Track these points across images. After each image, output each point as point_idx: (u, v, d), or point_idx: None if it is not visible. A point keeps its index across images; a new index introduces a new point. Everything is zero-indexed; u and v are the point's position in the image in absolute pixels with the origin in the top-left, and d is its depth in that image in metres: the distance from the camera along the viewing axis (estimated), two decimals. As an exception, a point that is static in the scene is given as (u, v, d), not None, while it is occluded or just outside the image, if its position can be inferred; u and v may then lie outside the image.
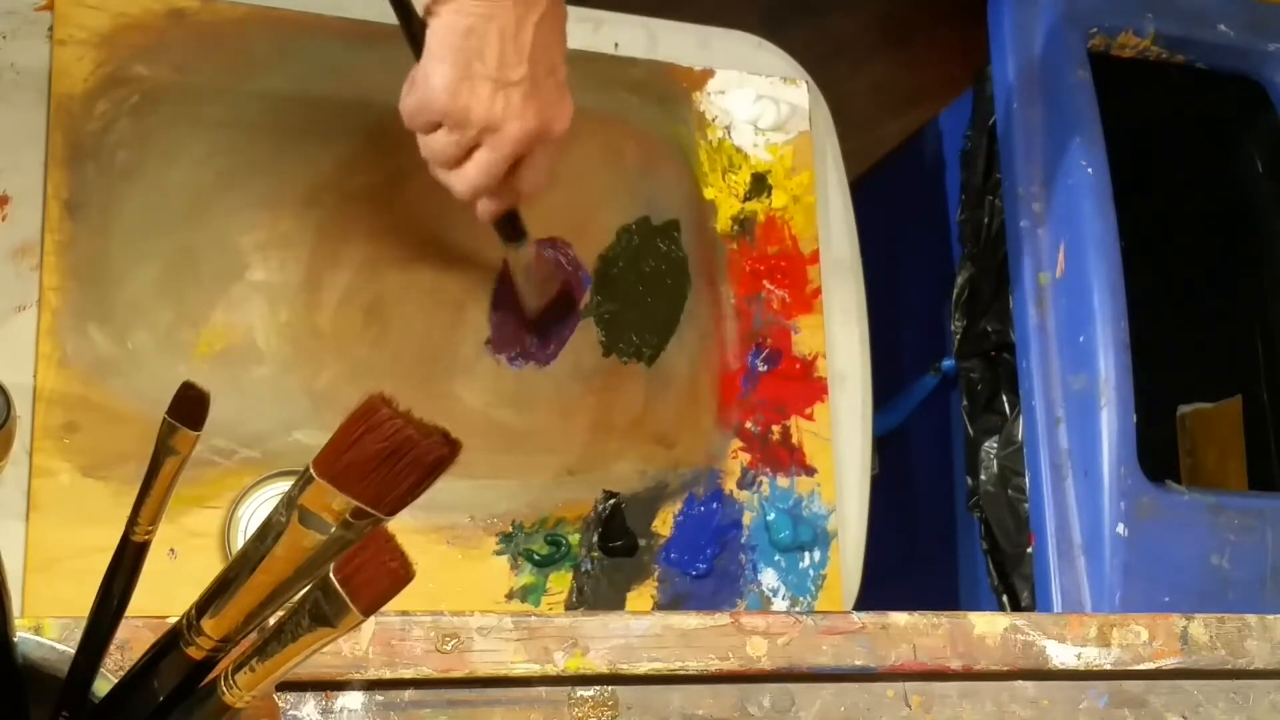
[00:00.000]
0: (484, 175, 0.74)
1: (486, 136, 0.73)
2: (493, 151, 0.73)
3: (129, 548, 0.40)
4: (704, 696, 0.62)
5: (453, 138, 0.73)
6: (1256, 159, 1.25)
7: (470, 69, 0.71)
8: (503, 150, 0.73)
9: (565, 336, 0.94)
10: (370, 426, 0.34)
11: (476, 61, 0.71)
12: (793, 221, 1.02)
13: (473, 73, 0.71)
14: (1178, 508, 1.03)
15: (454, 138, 0.73)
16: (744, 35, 1.07)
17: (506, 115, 0.72)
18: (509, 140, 0.73)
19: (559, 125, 0.75)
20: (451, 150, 0.74)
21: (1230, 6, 1.19)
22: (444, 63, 0.71)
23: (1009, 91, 1.13)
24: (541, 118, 0.73)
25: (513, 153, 0.74)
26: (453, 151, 0.74)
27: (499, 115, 0.72)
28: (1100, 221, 1.06)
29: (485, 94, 0.71)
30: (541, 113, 0.73)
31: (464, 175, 0.75)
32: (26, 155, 0.83)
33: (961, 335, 1.19)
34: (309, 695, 0.56)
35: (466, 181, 0.75)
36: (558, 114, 0.75)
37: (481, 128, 0.72)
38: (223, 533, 0.81)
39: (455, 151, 0.74)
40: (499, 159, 0.74)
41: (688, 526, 0.94)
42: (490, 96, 0.71)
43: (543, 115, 0.73)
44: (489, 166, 0.74)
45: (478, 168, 0.74)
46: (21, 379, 0.80)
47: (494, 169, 0.74)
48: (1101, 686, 0.68)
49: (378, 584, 0.33)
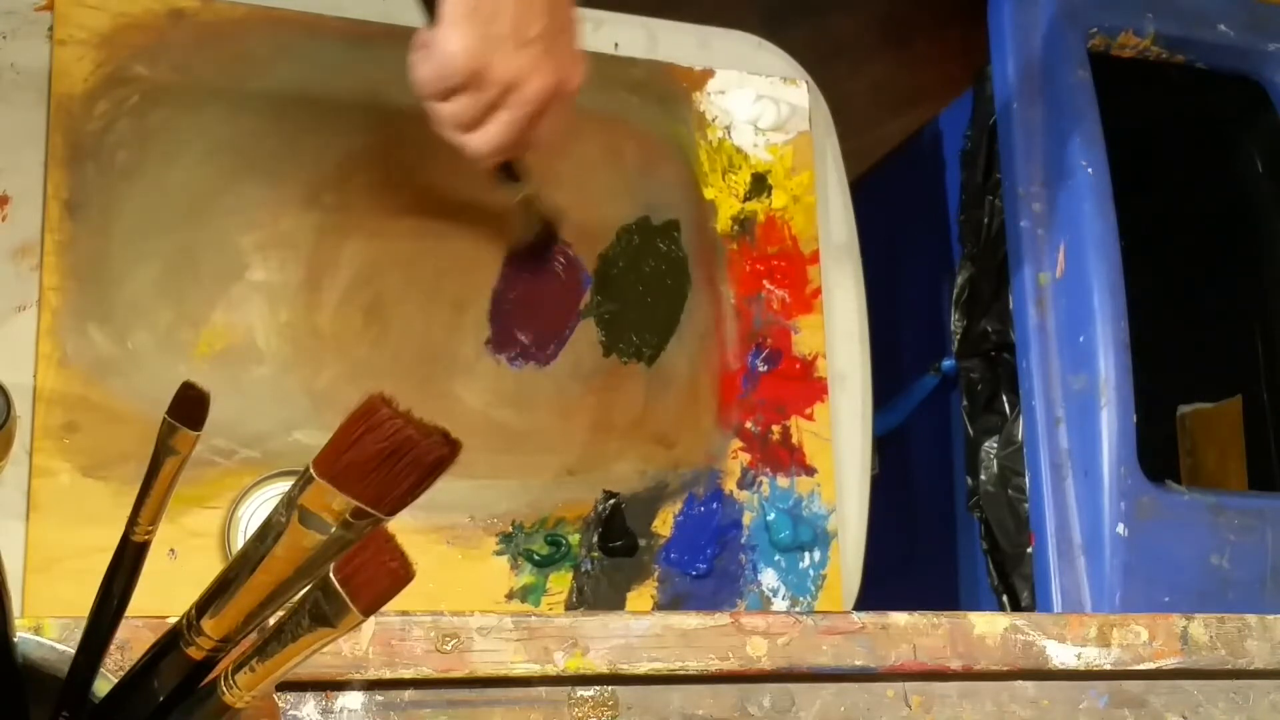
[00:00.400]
0: (506, 134, 0.75)
1: (508, 96, 0.73)
2: (514, 110, 0.74)
3: (129, 548, 0.40)
4: (704, 696, 0.62)
5: (470, 101, 0.73)
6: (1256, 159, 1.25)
7: (488, 31, 0.71)
8: (525, 109, 0.74)
9: (564, 335, 0.94)
10: (370, 426, 0.34)
11: (493, 23, 0.71)
12: (793, 221, 1.02)
13: (490, 34, 0.71)
14: (1178, 508, 1.03)
15: (473, 101, 0.73)
16: (744, 35, 1.07)
17: (527, 73, 0.72)
18: (531, 98, 0.73)
19: (575, 80, 0.76)
20: (470, 112, 0.74)
21: (1230, 6, 1.19)
22: (460, 27, 0.71)
23: (1009, 91, 1.13)
24: (559, 73, 0.74)
25: (534, 110, 0.74)
26: (472, 113, 0.74)
27: (519, 73, 0.72)
28: (1100, 221, 1.06)
29: (506, 53, 0.72)
30: (559, 69, 0.74)
31: (485, 136, 0.75)
32: (26, 155, 0.83)
33: (961, 335, 1.19)
34: (309, 695, 0.56)
35: (488, 142, 0.75)
36: (573, 69, 0.76)
37: (503, 87, 0.73)
38: (223, 533, 0.81)
39: (474, 113, 0.74)
40: (520, 118, 0.74)
41: (688, 526, 0.94)
42: (510, 56, 0.72)
43: (560, 71, 0.74)
44: (510, 126, 0.75)
45: (500, 127, 0.75)
46: (21, 379, 0.80)
47: (516, 128, 0.75)
48: (1101, 686, 0.68)
49: (378, 584, 0.33)
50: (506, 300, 0.93)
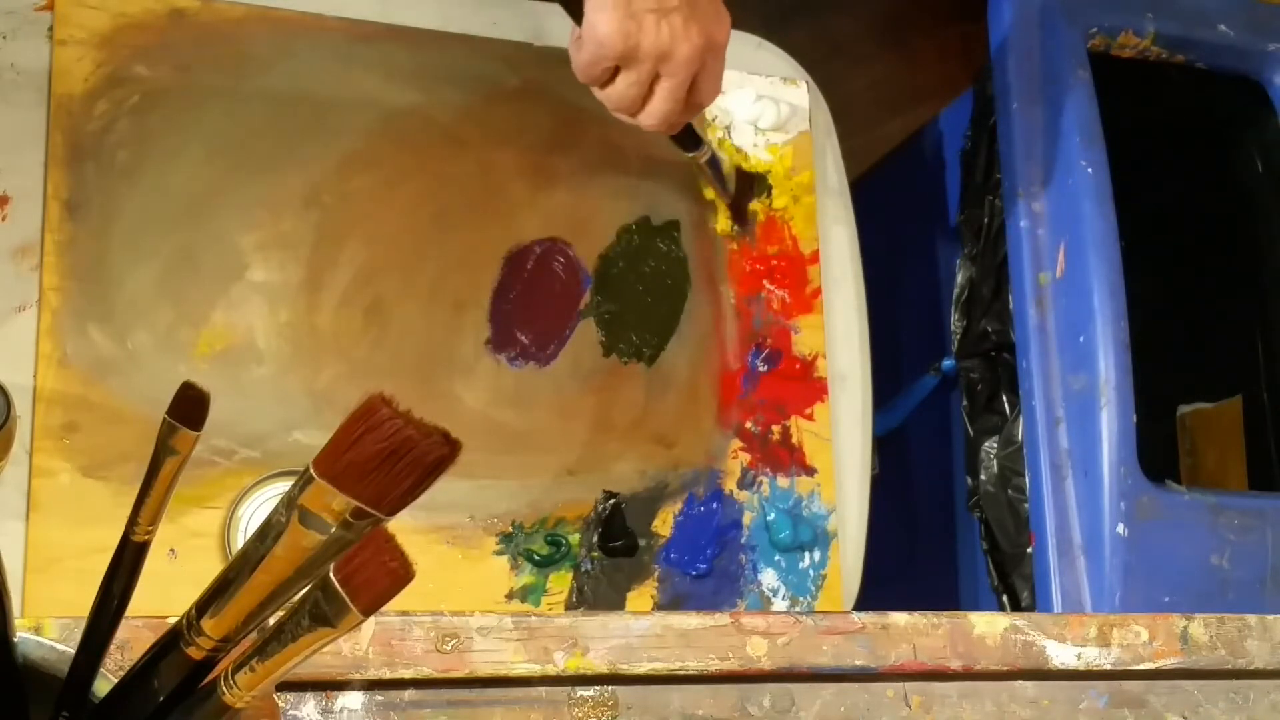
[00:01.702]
0: (670, 103, 0.79)
1: (662, 65, 0.77)
2: (672, 78, 0.78)
3: (129, 548, 0.40)
4: (704, 696, 0.62)
5: (631, 78, 0.78)
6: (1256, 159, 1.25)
7: (631, 7, 0.75)
8: (680, 75, 0.78)
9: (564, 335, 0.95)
10: (370, 426, 0.34)
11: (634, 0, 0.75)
12: (793, 221, 1.02)
13: (634, 10, 0.75)
14: (1178, 508, 1.03)
15: (633, 77, 0.78)
16: (744, 35, 1.06)
17: (675, 40, 0.76)
18: (683, 64, 0.77)
19: (722, 34, 0.80)
20: (634, 91, 0.78)
21: (1230, 6, 1.19)
22: (605, 9, 0.75)
23: (1009, 91, 1.13)
24: (706, 33, 0.78)
25: (688, 75, 0.78)
26: (635, 92, 0.79)
27: (668, 42, 0.76)
28: (1100, 221, 1.05)
29: (651, 25, 0.76)
30: (705, 29, 0.78)
31: (652, 111, 0.80)
32: (26, 155, 0.83)
33: (961, 335, 1.19)
34: (309, 695, 0.56)
35: (657, 116, 0.80)
36: (719, 24, 0.79)
37: (655, 58, 0.77)
38: (223, 533, 0.81)
39: (638, 91, 0.78)
40: (679, 84, 0.78)
41: (688, 526, 0.94)
42: (656, 27, 0.76)
43: (706, 30, 0.78)
44: (672, 93, 0.79)
45: (663, 99, 0.79)
46: (21, 379, 0.80)
47: (677, 94, 0.79)
48: (1101, 686, 0.68)
49: (378, 584, 0.33)
50: (506, 300, 0.93)
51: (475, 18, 0.97)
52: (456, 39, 0.95)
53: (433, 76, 0.94)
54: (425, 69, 0.94)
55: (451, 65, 0.95)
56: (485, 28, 0.97)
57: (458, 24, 0.96)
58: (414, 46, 0.94)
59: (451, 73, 0.94)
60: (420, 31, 0.95)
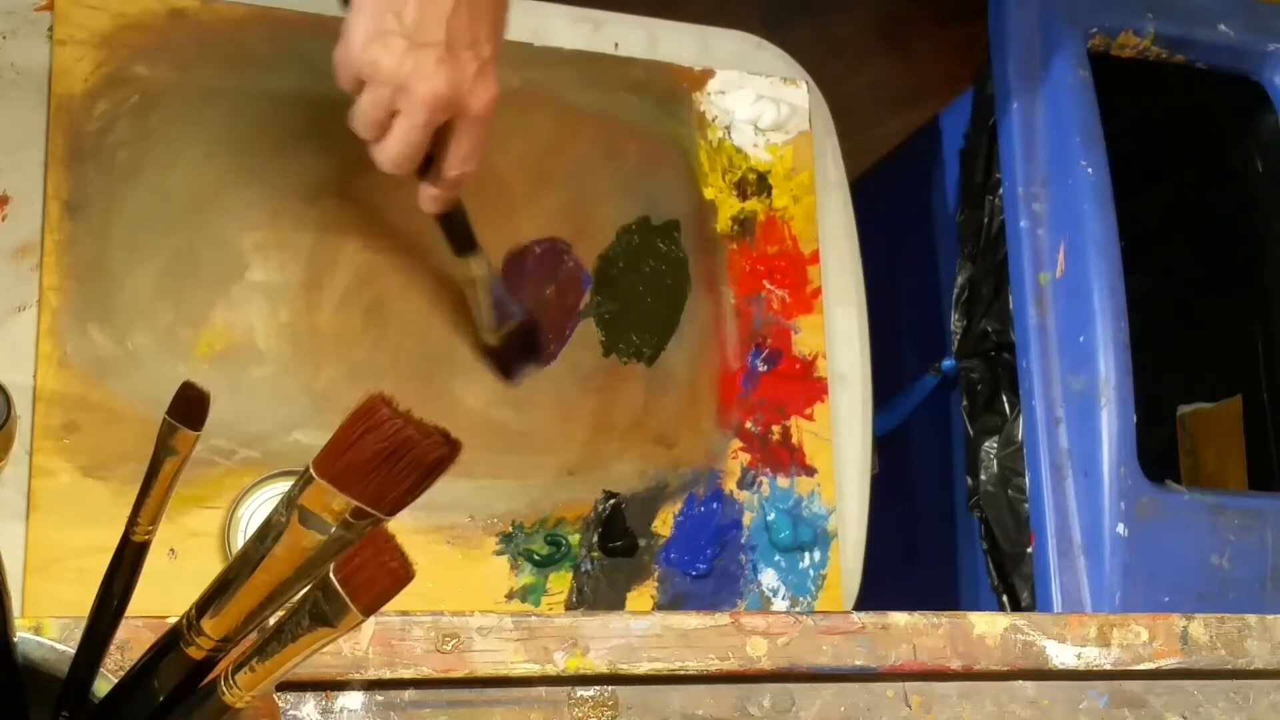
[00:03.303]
0: (402, 143, 0.73)
1: (399, 99, 0.71)
2: (407, 117, 0.72)
3: (129, 548, 0.40)
4: (704, 696, 0.62)
5: (370, 97, 0.72)
6: (1256, 159, 1.25)
7: (384, 23, 0.70)
8: (416, 116, 0.72)
9: (564, 335, 0.94)
10: (370, 426, 0.34)
11: (392, 16, 0.70)
12: (793, 221, 1.02)
13: (386, 27, 0.70)
14: (1178, 508, 1.03)
15: (371, 97, 0.72)
16: (744, 35, 1.07)
17: (415, 75, 0.70)
18: (419, 103, 0.71)
19: (476, 103, 0.73)
20: (372, 111, 0.72)
21: (1230, 6, 1.19)
22: (362, 15, 0.71)
23: (1009, 91, 1.13)
24: (454, 87, 0.71)
25: (426, 120, 0.72)
26: (373, 113, 0.72)
27: (407, 73, 0.70)
28: (1100, 221, 1.05)
29: (396, 50, 0.70)
30: (455, 82, 0.71)
31: (385, 146, 0.73)
32: (26, 155, 0.83)
33: (961, 335, 1.19)
34: (309, 695, 0.56)
35: (389, 153, 0.73)
36: (475, 90, 0.72)
37: (393, 86, 0.71)
38: (223, 533, 0.81)
39: (375, 113, 0.72)
40: (414, 126, 0.72)
41: (688, 526, 0.94)
42: (401, 53, 0.70)
43: (455, 84, 0.71)
44: (406, 134, 0.72)
45: (397, 136, 0.73)
46: (21, 379, 0.80)
47: (411, 137, 0.72)
48: (1101, 686, 0.68)
49: (378, 584, 0.33)
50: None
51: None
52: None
53: (433, 76, 0.94)
54: (425, 69, 0.94)
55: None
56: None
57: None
58: (414, 46, 0.94)
59: (451, 73, 0.94)
60: (420, 31, 0.94)
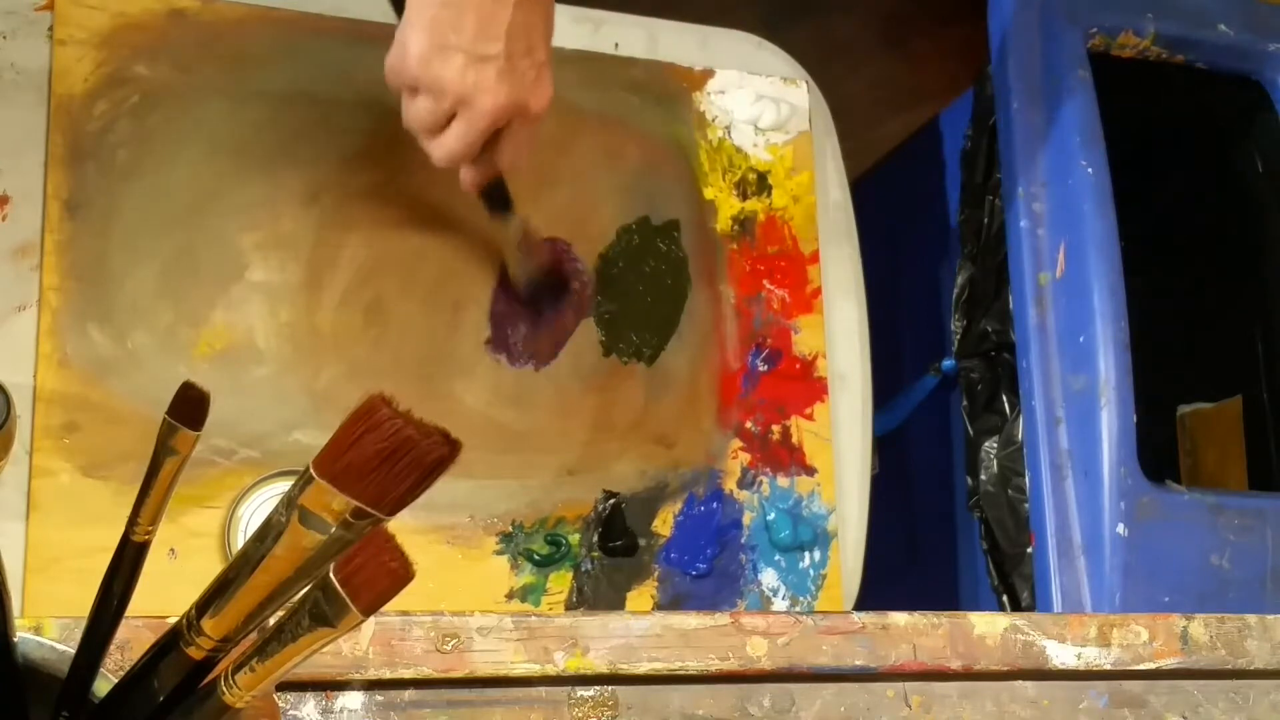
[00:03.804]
0: (459, 145, 0.75)
1: (460, 108, 0.74)
2: (467, 124, 0.74)
3: (129, 548, 0.40)
4: (704, 696, 0.62)
5: (428, 105, 0.74)
6: (1256, 159, 1.25)
7: (445, 39, 0.71)
8: (477, 124, 0.74)
9: (562, 321, 0.94)
10: (370, 426, 0.34)
11: (451, 33, 0.71)
12: (793, 221, 1.02)
13: (446, 43, 0.71)
14: (1178, 508, 1.03)
15: (429, 105, 0.74)
16: (744, 35, 1.07)
17: (479, 89, 0.72)
18: (481, 114, 0.73)
19: (535, 104, 0.75)
20: (428, 118, 0.74)
21: (1230, 6, 1.19)
22: (419, 30, 0.72)
23: (1009, 91, 1.13)
24: (515, 95, 0.74)
25: (487, 127, 0.74)
26: (429, 120, 0.75)
27: (471, 88, 0.72)
28: (1100, 221, 1.05)
29: (458, 66, 0.72)
30: (516, 91, 0.73)
31: (441, 144, 0.76)
32: (26, 155, 0.83)
33: (961, 335, 1.19)
34: (309, 695, 0.56)
35: (443, 150, 0.76)
36: (534, 94, 0.75)
37: (455, 99, 0.73)
38: (223, 533, 0.81)
39: (431, 120, 0.75)
40: (473, 130, 0.74)
41: (688, 526, 0.94)
42: (462, 69, 0.72)
43: (517, 93, 0.74)
44: (463, 138, 0.75)
45: (453, 138, 0.75)
46: (21, 379, 0.80)
47: (469, 140, 0.75)
48: (1101, 686, 0.68)
49: (378, 584, 0.33)
50: (506, 300, 0.93)
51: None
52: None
53: (433, 76, 0.94)
54: (425, 69, 0.94)
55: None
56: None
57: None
58: (414, 46, 0.94)
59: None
60: (420, 31, 0.94)
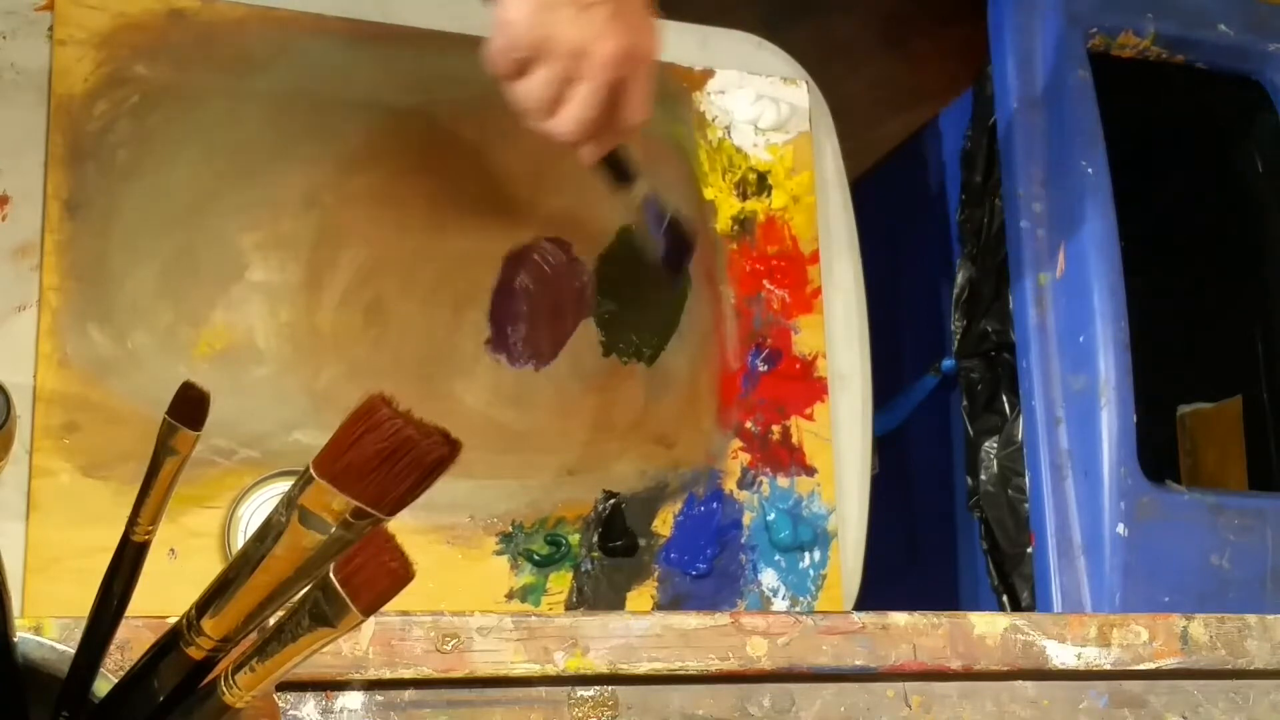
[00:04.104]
0: (587, 108, 0.70)
1: (579, 64, 0.69)
2: (590, 80, 0.69)
3: (129, 548, 0.40)
4: (704, 696, 0.62)
5: (544, 74, 0.69)
6: (1256, 159, 1.25)
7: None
8: (599, 77, 0.69)
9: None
10: (370, 426, 0.34)
11: None
12: (793, 221, 1.02)
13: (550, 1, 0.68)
14: (1178, 508, 1.03)
15: (545, 74, 0.69)
16: (744, 35, 1.06)
17: (595, 36, 0.68)
18: (602, 63, 0.69)
19: (648, 45, 0.71)
20: (546, 90, 0.70)
21: (1230, 6, 1.19)
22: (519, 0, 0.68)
23: (1009, 91, 1.13)
24: (630, 38, 0.69)
25: (609, 78, 0.69)
26: (547, 92, 0.70)
27: (586, 38, 0.68)
28: (1100, 221, 1.05)
29: (568, 17, 0.67)
30: (630, 31, 0.69)
31: (567, 115, 0.71)
32: (26, 155, 0.83)
33: (961, 335, 1.19)
34: (309, 695, 0.56)
35: (571, 121, 0.71)
36: (646, 33, 0.71)
37: (570, 54, 0.68)
38: (223, 533, 0.81)
39: (550, 91, 0.70)
40: (597, 88, 0.69)
41: (688, 526, 0.94)
42: (573, 19, 0.67)
43: (631, 34, 0.69)
44: (589, 97, 0.70)
45: (579, 102, 0.70)
46: (21, 379, 0.80)
47: (595, 98, 0.70)
48: (1101, 686, 0.68)
49: (378, 584, 0.33)
50: (506, 300, 0.93)
51: (475, 17, 0.97)
52: (456, 39, 0.95)
53: (433, 76, 0.94)
54: (425, 69, 0.94)
55: (451, 65, 0.95)
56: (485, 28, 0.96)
57: (458, 24, 0.96)
58: (414, 46, 0.94)
59: (451, 73, 0.94)
60: (420, 31, 0.95)
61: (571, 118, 0.71)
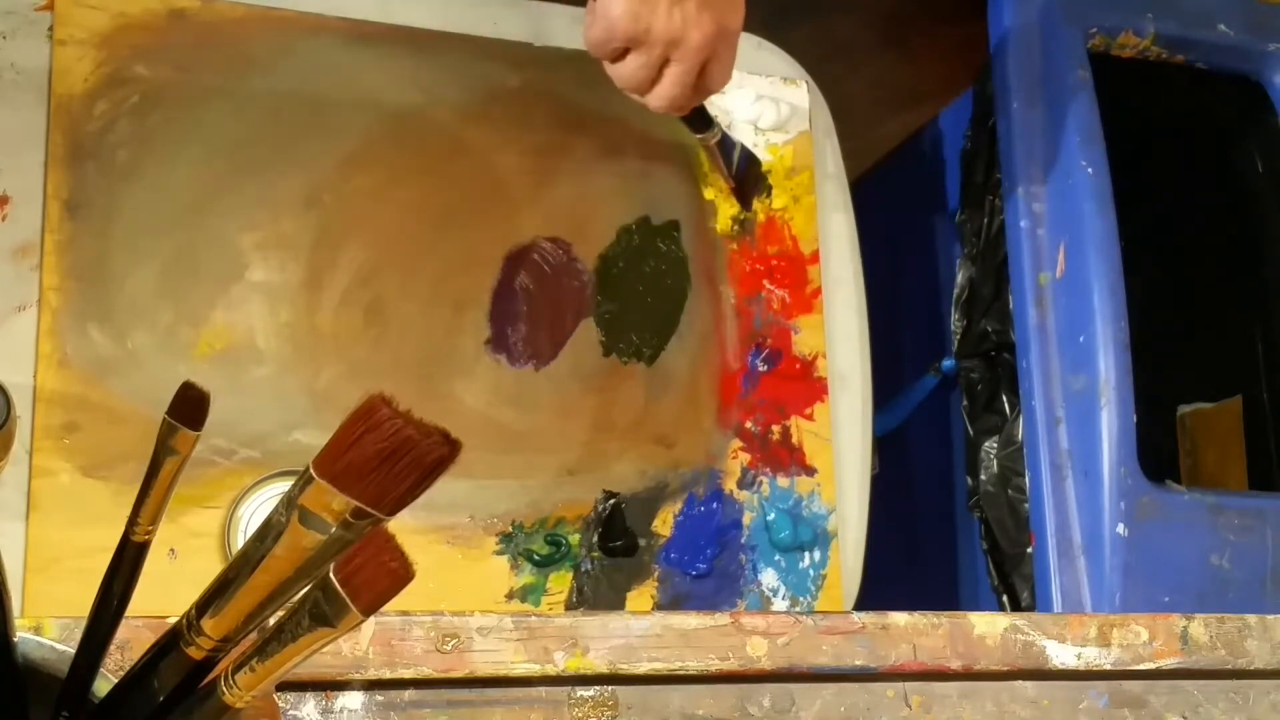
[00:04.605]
0: (678, 88, 0.80)
1: (672, 51, 0.78)
2: (681, 63, 0.79)
3: (129, 548, 0.40)
4: (704, 696, 0.62)
5: (641, 60, 0.78)
6: (1256, 159, 1.25)
7: None
8: (690, 61, 0.79)
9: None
10: (370, 426, 0.34)
11: None
12: (793, 221, 1.02)
13: None
14: (1178, 508, 1.03)
15: (642, 60, 0.78)
16: (744, 35, 1.06)
17: (687, 26, 0.77)
18: (694, 50, 0.78)
19: (735, 21, 0.80)
20: (643, 74, 0.79)
21: (1230, 6, 1.19)
22: None
23: (1009, 91, 1.13)
24: (718, 20, 0.78)
25: (699, 61, 0.79)
26: (644, 75, 0.79)
27: (679, 28, 0.77)
28: (1100, 221, 1.05)
29: (664, 10, 0.76)
30: (718, 15, 0.78)
31: (660, 94, 0.80)
32: (26, 155, 0.83)
33: (961, 335, 1.19)
34: (309, 695, 0.56)
35: (664, 99, 0.80)
36: (733, 10, 0.80)
37: (666, 43, 0.77)
38: (223, 533, 0.81)
39: (646, 74, 0.79)
40: (688, 69, 0.79)
41: (688, 526, 0.94)
42: (668, 12, 0.76)
43: (719, 17, 0.78)
44: (681, 78, 0.79)
45: (671, 84, 0.80)
46: (21, 379, 0.80)
47: (686, 79, 0.80)
48: (1101, 686, 0.68)
49: (378, 584, 0.33)
50: (506, 300, 0.93)
51: (475, 17, 0.97)
52: (456, 39, 0.95)
53: (433, 76, 0.94)
54: (425, 69, 0.94)
55: (451, 65, 0.95)
56: (485, 28, 0.97)
57: (458, 24, 0.96)
58: (414, 46, 0.94)
59: (451, 73, 0.95)
60: (420, 31, 0.95)
61: (665, 95, 0.81)
